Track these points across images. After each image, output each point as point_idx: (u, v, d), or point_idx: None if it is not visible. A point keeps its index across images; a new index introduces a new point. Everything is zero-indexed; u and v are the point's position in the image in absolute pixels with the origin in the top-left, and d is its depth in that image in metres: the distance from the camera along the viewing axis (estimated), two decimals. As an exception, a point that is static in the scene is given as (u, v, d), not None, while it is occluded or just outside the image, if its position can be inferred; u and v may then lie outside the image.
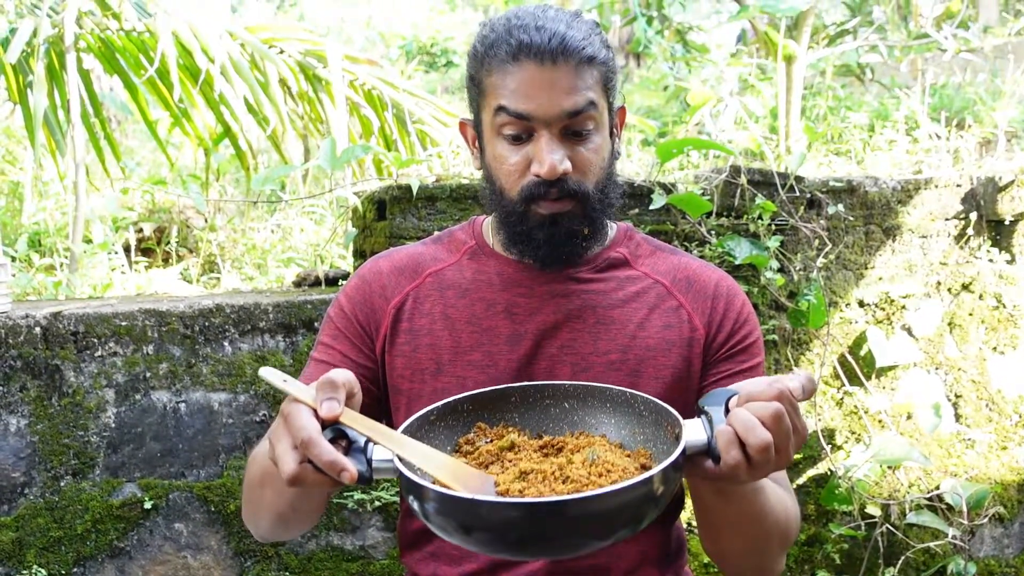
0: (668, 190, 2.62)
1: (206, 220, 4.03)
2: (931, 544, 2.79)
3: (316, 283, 2.92)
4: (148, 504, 2.32)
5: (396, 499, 2.42)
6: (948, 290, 2.95)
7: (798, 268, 2.74)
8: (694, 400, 1.35)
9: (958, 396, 2.94)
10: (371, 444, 1.05)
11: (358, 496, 2.42)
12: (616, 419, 1.17)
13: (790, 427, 1.05)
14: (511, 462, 1.11)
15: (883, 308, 2.89)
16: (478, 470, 1.10)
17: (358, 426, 1.05)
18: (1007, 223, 2.98)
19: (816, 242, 2.76)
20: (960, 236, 2.96)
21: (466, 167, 2.92)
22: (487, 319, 1.36)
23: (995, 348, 2.98)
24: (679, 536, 1.45)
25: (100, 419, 2.31)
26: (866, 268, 2.88)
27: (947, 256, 2.95)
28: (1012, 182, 2.96)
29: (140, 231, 4.02)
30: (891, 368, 2.86)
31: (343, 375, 1.06)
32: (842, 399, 2.84)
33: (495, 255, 1.40)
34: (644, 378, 1.32)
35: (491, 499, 1.00)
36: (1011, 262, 3.00)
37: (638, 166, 3.49)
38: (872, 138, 4.23)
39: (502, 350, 1.34)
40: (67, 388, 2.30)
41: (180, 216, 4.11)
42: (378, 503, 2.43)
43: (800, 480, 2.79)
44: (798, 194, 2.76)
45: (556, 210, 1.29)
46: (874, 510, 2.72)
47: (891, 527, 2.77)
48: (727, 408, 1.07)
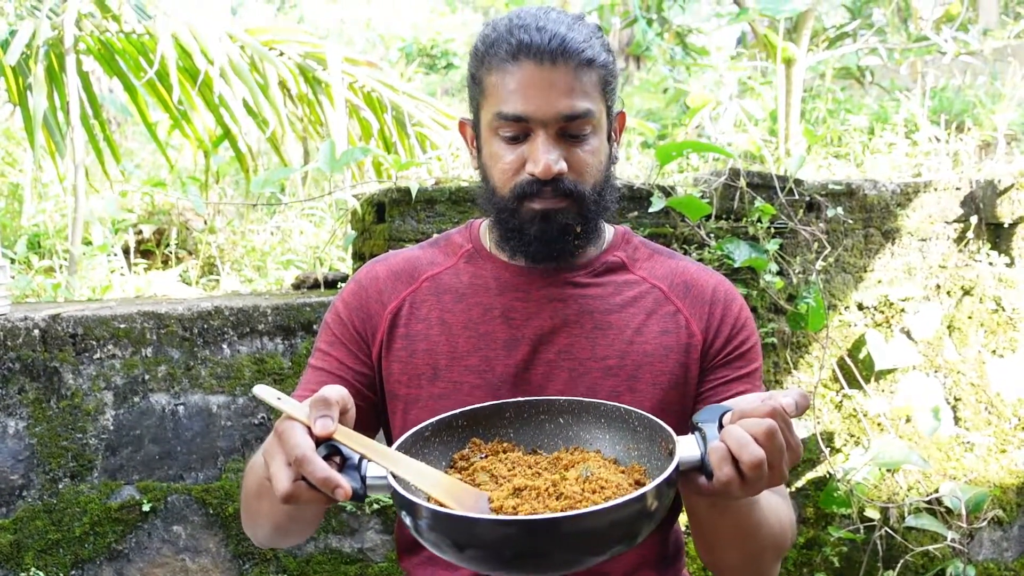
0: (667, 193, 2.62)
1: (205, 222, 4.03)
2: (930, 547, 2.79)
3: (315, 285, 2.92)
4: (146, 507, 2.32)
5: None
6: (947, 293, 2.95)
7: (797, 271, 2.74)
8: (692, 405, 1.35)
9: (957, 399, 2.94)
10: (365, 461, 1.04)
11: (357, 499, 2.42)
12: (611, 435, 1.17)
13: (783, 444, 1.04)
14: (505, 478, 1.11)
15: (882, 311, 2.89)
16: (472, 487, 1.10)
17: (352, 443, 1.04)
18: (1006, 226, 2.98)
19: (815, 245, 2.76)
20: (959, 239, 2.96)
21: (465, 170, 2.92)
22: (484, 324, 1.35)
23: (994, 351, 2.98)
24: (677, 539, 1.45)
25: (98, 421, 2.31)
26: (865, 271, 2.88)
27: (946, 259, 2.95)
28: (1012, 185, 2.96)
29: (139, 233, 4.02)
30: (890, 371, 2.86)
31: (336, 391, 1.06)
32: (841, 402, 2.84)
33: (492, 258, 1.40)
34: (641, 383, 1.32)
35: (485, 516, 1.00)
36: (1010, 265, 2.99)
37: (637, 168, 3.50)
38: (872, 141, 4.23)
39: (499, 355, 1.33)
40: (65, 390, 2.30)
41: (179, 218, 4.10)
42: (376, 506, 2.43)
43: (799, 483, 2.79)
44: (797, 197, 2.76)
45: (549, 206, 1.28)
46: (873, 513, 2.72)
47: (890, 530, 2.77)
48: (720, 424, 1.06)
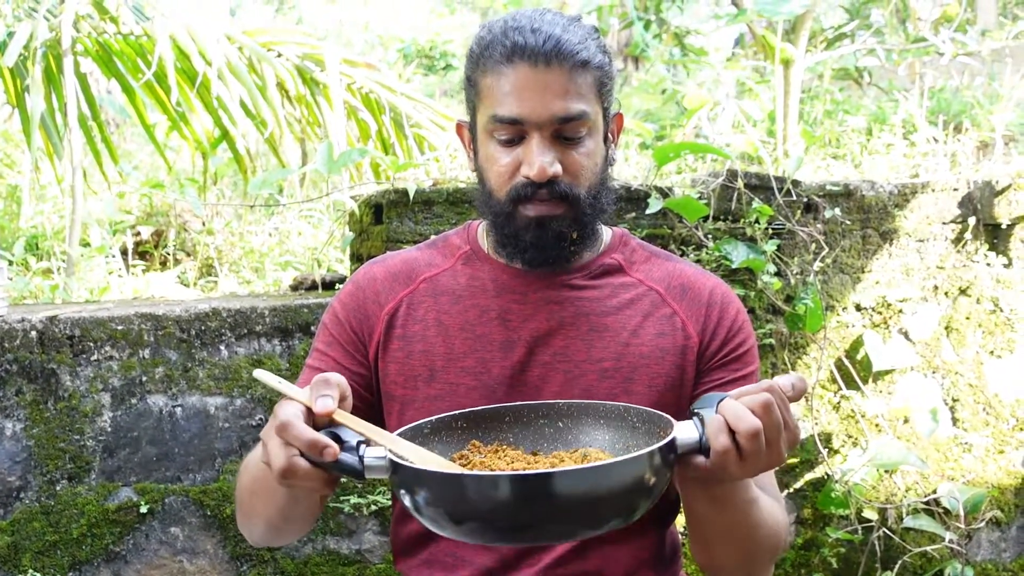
0: (665, 194, 2.62)
1: (204, 223, 4.03)
2: (928, 548, 2.79)
3: (313, 287, 2.92)
4: (144, 508, 2.32)
5: (391, 503, 2.41)
6: (945, 294, 2.95)
7: (795, 272, 2.74)
8: (688, 408, 1.35)
9: (955, 400, 2.94)
10: (363, 444, 1.06)
11: (354, 500, 2.42)
12: (610, 434, 1.18)
13: (780, 420, 1.06)
14: (502, 468, 1.12)
15: (880, 312, 2.89)
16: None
17: (352, 424, 1.07)
18: (1004, 227, 2.98)
19: (813, 246, 2.76)
20: (957, 240, 2.96)
21: (463, 171, 2.92)
22: (480, 325, 1.35)
23: (992, 352, 2.98)
24: (674, 540, 1.45)
25: (96, 423, 2.31)
26: (863, 272, 2.88)
27: (944, 260, 2.95)
28: (1009, 186, 2.96)
29: (137, 234, 4.02)
30: (888, 372, 2.86)
31: (337, 376, 1.08)
32: (839, 403, 2.84)
33: (489, 260, 1.40)
34: (637, 386, 1.32)
35: (477, 473, 1.02)
36: (1008, 266, 3.00)
37: (635, 170, 3.50)
38: (869, 142, 4.23)
39: (495, 357, 1.33)
40: (63, 392, 2.30)
41: (178, 220, 4.10)
42: (374, 507, 2.43)
43: (797, 484, 2.79)
44: (795, 198, 2.76)
45: (543, 212, 1.28)
46: (871, 514, 2.72)
47: (888, 531, 2.77)
48: (718, 410, 1.08)
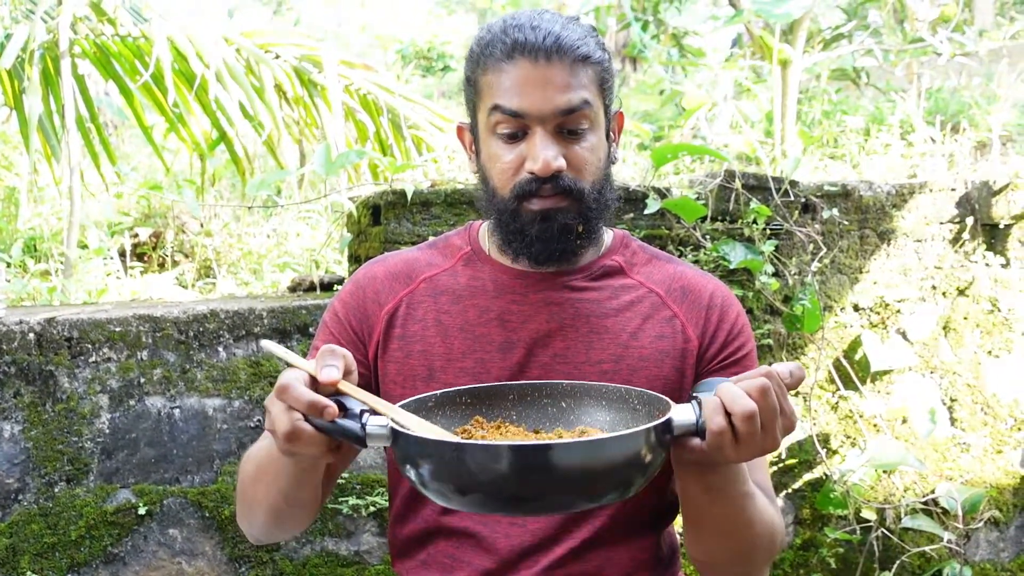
0: (663, 195, 2.62)
1: (202, 225, 4.02)
2: (926, 548, 2.79)
3: (311, 288, 2.92)
4: (142, 510, 2.32)
5: (389, 504, 2.41)
6: (943, 294, 2.95)
7: (793, 272, 2.74)
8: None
9: (953, 400, 2.94)
10: (367, 412, 1.07)
11: (353, 501, 2.42)
12: (611, 416, 1.20)
13: (776, 404, 1.07)
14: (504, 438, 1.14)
15: (878, 312, 2.89)
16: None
17: (355, 395, 1.08)
18: (1002, 227, 2.98)
19: (811, 246, 2.76)
20: (955, 240, 2.96)
21: (461, 172, 2.92)
22: (480, 326, 1.35)
23: (990, 352, 2.98)
24: (672, 542, 1.45)
25: (94, 425, 2.31)
26: (861, 272, 2.88)
27: (942, 260, 2.95)
28: (1007, 186, 2.97)
29: (136, 236, 4.02)
30: (886, 372, 2.87)
31: (342, 349, 1.10)
32: (837, 403, 2.84)
33: (490, 261, 1.40)
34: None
35: (477, 443, 1.04)
36: (1006, 266, 3.00)
37: (633, 170, 3.50)
38: (867, 142, 4.23)
39: (494, 357, 1.34)
40: (61, 394, 2.30)
41: (176, 221, 4.10)
42: (372, 508, 2.43)
43: (795, 484, 2.79)
44: (793, 198, 2.76)
45: (548, 206, 1.29)
46: (869, 514, 2.72)
47: (886, 531, 2.77)
48: (715, 393, 1.09)
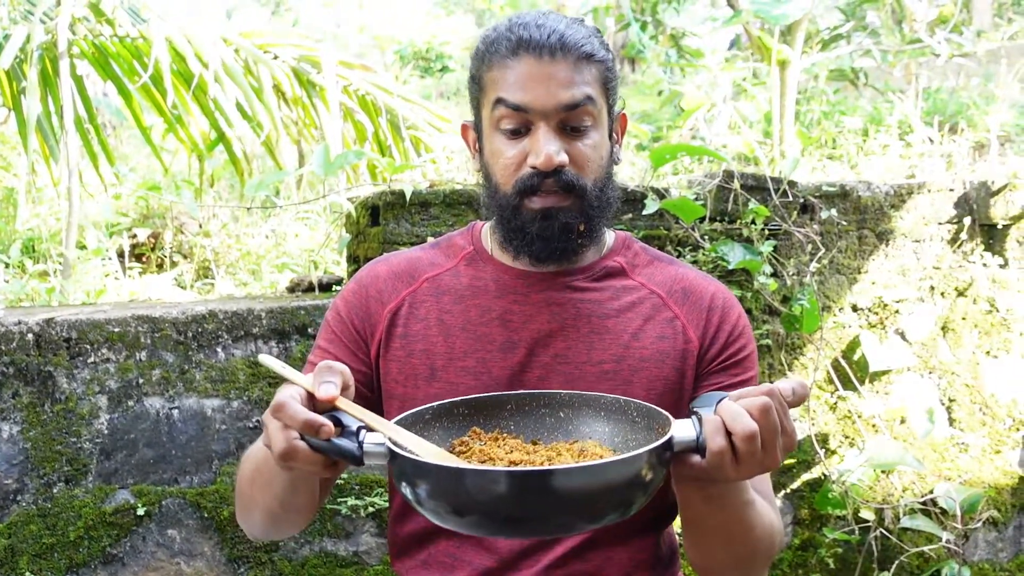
0: (661, 195, 2.62)
1: (200, 226, 4.02)
2: (925, 548, 2.79)
3: (309, 288, 2.92)
4: (141, 511, 2.31)
5: (388, 503, 2.42)
6: (941, 294, 2.96)
7: (791, 273, 2.74)
8: (687, 412, 1.35)
9: (952, 400, 2.94)
10: (364, 430, 1.07)
11: (352, 502, 2.42)
12: (610, 427, 1.19)
13: (778, 424, 1.06)
14: (502, 460, 1.13)
15: (876, 312, 2.90)
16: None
17: (353, 412, 1.08)
18: (1000, 227, 2.99)
19: (809, 247, 2.77)
20: (953, 240, 2.96)
21: (460, 173, 2.92)
22: (481, 326, 1.36)
23: (988, 352, 2.98)
24: (671, 542, 1.45)
25: (93, 425, 2.31)
26: (859, 272, 2.89)
27: (940, 260, 2.95)
28: (1005, 186, 2.97)
29: (134, 237, 4.02)
30: (885, 372, 2.87)
31: (340, 365, 1.10)
32: (836, 403, 2.85)
33: (492, 261, 1.40)
34: (636, 388, 1.32)
35: (477, 467, 1.03)
36: (1004, 266, 3.00)
37: (632, 171, 3.50)
38: (866, 143, 4.24)
39: (495, 357, 1.34)
40: (60, 394, 2.30)
41: (174, 222, 4.10)
42: (371, 509, 2.42)
43: (794, 484, 2.79)
44: (791, 199, 2.76)
45: (550, 204, 1.29)
46: (868, 514, 2.73)
47: (885, 531, 2.77)
48: (716, 411, 1.08)
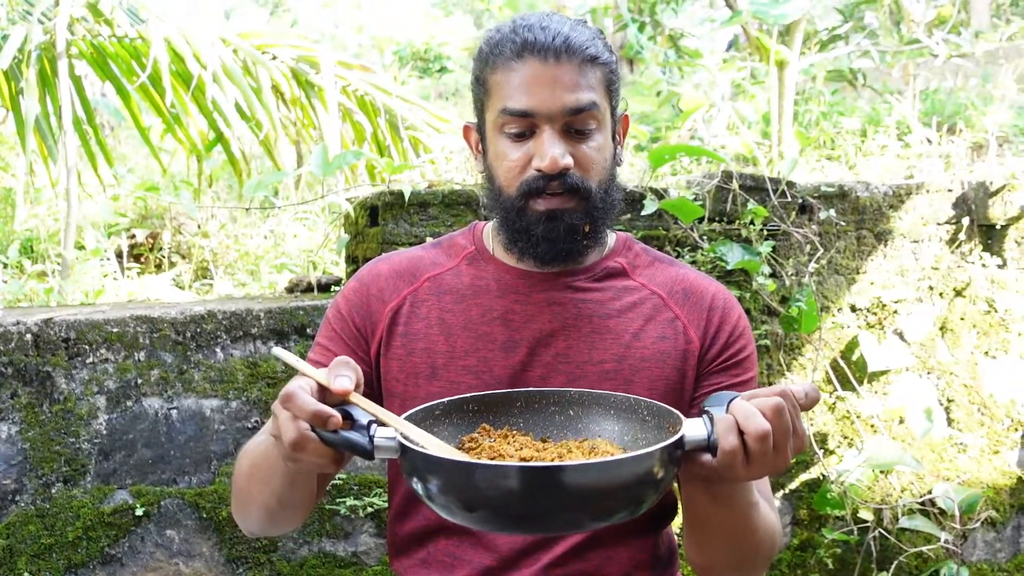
0: (660, 195, 2.62)
1: (199, 226, 4.02)
2: (924, 548, 2.79)
3: (308, 289, 2.92)
4: (140, 511, 2.31)
5: (388, 503, 2.42)
6: (940, 295, 2.96)
7: (790, 273, 2.74)
8: (687, 411, 1.36)
9: (950, 400, 2.94)
10: (375, 424, 1.07)
11: (350, 502, 2.41)
12: (620, 425, 1.19)
13: (790, 425, 1.06)
14: (512, 457, 1.13)
15: (875, 313, 2.90)
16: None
17: (364, 406, 1.08)
18: (998, 227, 2.99)
19: (808, 247, 2.77)
20: (952, 241, 2.97)
21: (459, 173, 2.92)
22: (483, 325, 1.36)
23: (987, 352, 2.99)
24: (670, 543, 1.45)
25: (91, 426, 2.31)
26: (858, 273, 2.89)
27: (939, 261, 2.95)
28: (1003, 187, 2.97)
29: (133, 237, 4.01)
30: (883, 373, 2.87)
31: (354, 362, 1.11)
32: (834, 404, 2.85)
33: (494, 261, 1.40)
34: (637, 388, 1.33)
35: (488, 462, 1.03)
36: (1002, 266, 3.00)
37: (630, 171, 3.50)
38: (864, 143, 4.24)
39: (496, 356, 1.34)
40: (58, 395, 2.29)
41: (173, 222, 4.10)
42: (370, 509, 2.42)
43: (793, 485, 2.79)
44: (790, 199, 2.77)
45: (554, 206, 1.29)
46: (867, 515, 2.73)
47: (884, 532, 2.77)
48: (728, 410, 1.08)
